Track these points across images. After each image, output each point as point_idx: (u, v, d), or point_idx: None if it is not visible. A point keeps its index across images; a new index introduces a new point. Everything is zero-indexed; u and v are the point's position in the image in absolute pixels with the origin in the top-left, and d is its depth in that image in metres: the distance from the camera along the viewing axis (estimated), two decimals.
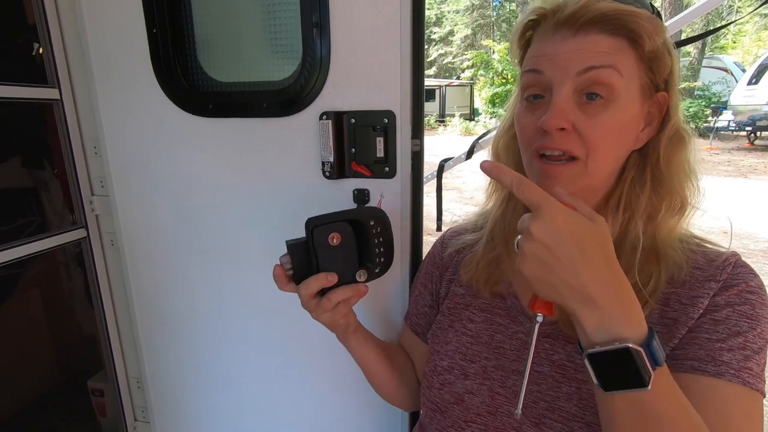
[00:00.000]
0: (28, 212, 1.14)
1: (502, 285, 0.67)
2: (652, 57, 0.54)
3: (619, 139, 0.56)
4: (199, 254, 1.08)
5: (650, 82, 0.55)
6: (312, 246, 0.63)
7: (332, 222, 0.64)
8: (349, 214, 0.66)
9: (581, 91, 0.54)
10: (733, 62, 13.97)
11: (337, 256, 0.65)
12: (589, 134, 0.53)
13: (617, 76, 0.52)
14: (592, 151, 0.54)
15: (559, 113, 0.53)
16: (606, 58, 0.52)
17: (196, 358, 1.16)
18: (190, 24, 0.98)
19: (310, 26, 0.87)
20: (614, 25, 0.52)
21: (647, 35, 0.52)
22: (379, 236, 0.67)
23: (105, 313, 1.23)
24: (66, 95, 1.08)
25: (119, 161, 1.08)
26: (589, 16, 0.52)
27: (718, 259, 0.57)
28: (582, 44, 0.53)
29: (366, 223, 0.66)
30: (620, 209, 0.58)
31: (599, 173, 0.57)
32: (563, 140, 0.54)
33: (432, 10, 26.23)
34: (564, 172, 0.55)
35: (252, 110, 0.95)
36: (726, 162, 8.68)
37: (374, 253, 0.67)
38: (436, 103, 20.07)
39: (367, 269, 0.67)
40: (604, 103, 0.53)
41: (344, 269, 0.65)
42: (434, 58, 26.64)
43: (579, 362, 0.58)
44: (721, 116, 10.85)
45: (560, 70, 0.54)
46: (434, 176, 1.39)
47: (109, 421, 1.35)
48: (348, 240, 0.65)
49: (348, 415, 1.06)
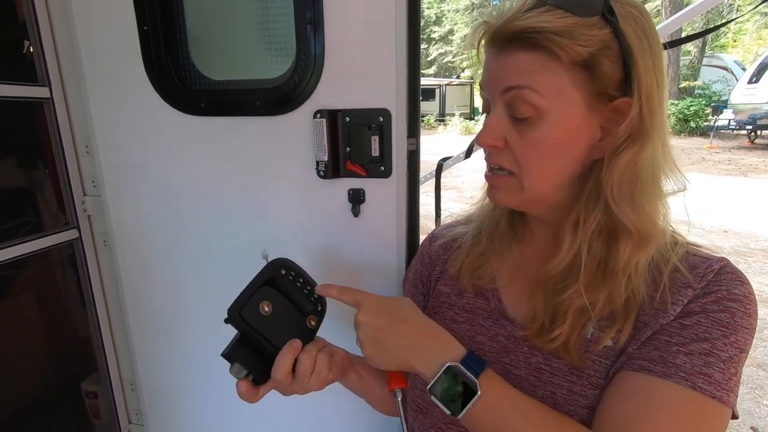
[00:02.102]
0: (19, 213, 1.13)
1: (485, 280, 0.67)
2: (587, 65, 0.50)
3: (556, 155, 0.54)
4: (192, 255, 1.06)
5: (597, 90, 0.51)
6: (252, 330, 0.59)
7: (251, 295, 0.60)
8: (259, 278, 0.63)
9: (509, 110, 0.54)
10: (733, 61, 13.95)
11: (279, 321, 0.61)
12: (518, 152, 0.54)
13: (535, 95, 0.51)
14: (523, 168, 0.55)
15: (487, 131, 0.55)
16: (522, 77, 0.51)
17: (190, 360, 1.15)
18: (182, 21, 0.96)
19: (303, 23, 0.85)
20: (529, 42, 0.50)
21: (564, 48, 0.48)
22: (297, 279, 0.65)
23: (98, 314, 1.21)
24: (57, 94, 1.07)
25: (111, 161, 1.07)
26: (506, 35, 0.51)
27: (701, 266, 0.53)
28: (504, 62, 0.53)
29: (277, 274, 0.64)
30: (579, 227, 0.55)
31: (537, 188, 0.56)
32: (497, 156, 0.57)
33: (432, 9, 26.20)
34: (502, 184, 0.58)
35: (245, 109, 0.93)
36: (726, 161, 8.67)
37: (304, 295, 0.65)
38: (436, 102, 20.05)
39: (311, 313, 0.65)
40: (530, 121, 0.53)
41: (295, 329, 0.62)
42: (434, 57, 26.60)
43: (556, 366, 0.57)
44: (721, 115, 10.84)
45: (491, 88, 0.55)
46: (433, 175, 1.38)
47: (103, 423, 1.34)
48: (277, 299, 0.62)
49: (343, 417, 1.04)
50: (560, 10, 0.49)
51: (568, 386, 0.55)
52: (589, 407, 0.53)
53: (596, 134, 0.54)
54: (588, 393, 0.54)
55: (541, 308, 0.58)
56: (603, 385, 0.53)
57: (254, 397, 0.61)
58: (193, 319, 1.11)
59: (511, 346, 0.62)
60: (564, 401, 0.55)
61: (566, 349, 0.55)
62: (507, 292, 0.66)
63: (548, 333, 0.56)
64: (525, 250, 0.67)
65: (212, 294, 1.07)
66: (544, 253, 0.63)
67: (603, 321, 0.55)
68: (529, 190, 0.56)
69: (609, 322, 0.54)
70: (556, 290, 0.56)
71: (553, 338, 0.55)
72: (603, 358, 0.54)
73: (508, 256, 0.67)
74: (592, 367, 0.54)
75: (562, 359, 0.57)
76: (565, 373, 0.56)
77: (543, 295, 0.58)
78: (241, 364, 0.59)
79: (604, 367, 0.54)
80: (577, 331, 0.55)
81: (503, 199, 0.60)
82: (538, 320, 0.58)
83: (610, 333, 0.54)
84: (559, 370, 0.56)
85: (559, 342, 0.55)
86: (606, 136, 0.54)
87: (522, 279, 0.65)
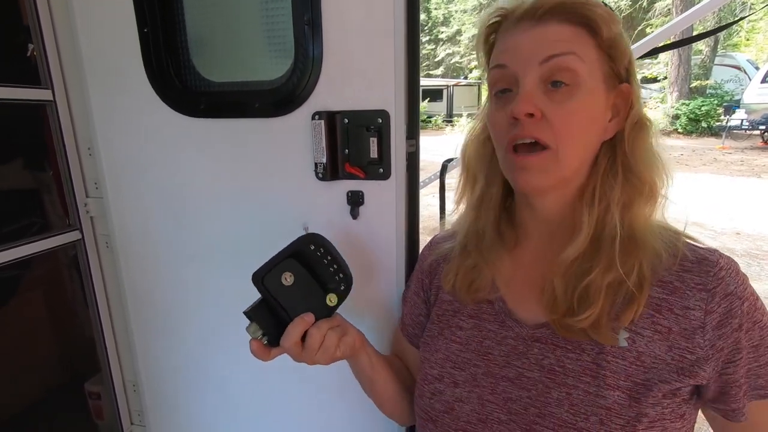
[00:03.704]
0: (22, 215, 1.14)
1: (484, 291, 0.66)
2: (611, 45, 0.55)
3: (588, 127, 0.56)
4: (193, 256, 1.06)
5: (612, 71, 0.57)
6: (271, 297, 0.63)
7: (276, 264, 0.64)
8: (287, 250, 0.65)
9: (546, 80, 0.55)
10: (746, 60, 13.71)
11: (299, 293, 0.64)
12: (558, 121, 0.54)
13: (579, 61, 0.54)
14: (561, 139, 0.55)
15: (526, 99, 0.54)
16: (566, 45, 0.54)
17: (192, 362, 1.15)
18: (182, 23, 0.96)
19: (302, 24, 0.84)
20: (572, 14, 0.54)
21: (604, 23, 0.54)
22: (325, 256, 0.66)
23: (100, 315, 1.22)
24: (59, 96, 1.07)
25: (113, 163, 1.07)
26: (546, 7, 0.54)
27: (707, 260, 0.55)
28: (542, 34, 0.55)
29: (306, 249, 0.65)
30: (595, 201, 0.57)
31: (570, 163, 0.56)
32: (534, 127, 0.55)
33: (439, 9, 26.16)
34: (536, 162, 0.56)
35: (244, 110, 0.93)
36: (739, 161, 8.54)
37: (329, 273, 0.66)
38: (444, 103, 20.03)
39: (333, 291, 0.66)
40: (569, 89, 0.54)
41: (312, 303, 0.65)
42: (442, 58, 26.54)
43: (569, 367, 0.57)
44: (733, 115, 10.69)
45: (523, 61, 0.55)
46: (438, 176, 1.37)
47: (105, 424, 1.34)
48: (299, 273, 0.64)
49: (344, 420, 1.04)
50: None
51: (584, 387, 0.55)
52: (607, 408, 0.53)
53: (608, 114, 0.58)
54: (605, 394, 0.53)
55: (562, 294, 0.57)
56: (623, 387, 0.53)
57: (265, 356, 0.64)
58: (195, 320, 1.11)
59: (521, 348, 0.61)
60: (580, 402, 0.54)
61: (597, 329, 0.55)
62: (509, 296, 0.65)
63: (577, 314, 0.55)
64: (520, 255, 0.66)
65: (214, 295, 1.07)
66: (544, 252, 0.62)
67: (620, 309, 0.56)
68: (563, 165, 0.56)
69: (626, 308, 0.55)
70: (579, 273, 0.57)
71: (585, 318, 0.55)
72: (620, 359, 0.54)
73: (500, 264, 0.66)
74: (609, 368, 0.54)
75: (576, 359, 0.56)
76: (580, 373, 0.55)
77: (563, 283, 0.58)
78: (257, 324, 0.63)
79: (621, 367, 0.54)
80: (606, 308, 0.55)
81: (538, 180, 0.57)
82: (562, 305, 0.57)
83: (631, 311, 0.54)
84: (574, 370, 0.56)
85: (589, 322, 0.55)
86: (613, 117, 0.58)
87: (522, 282, 0.64)
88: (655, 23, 14.82)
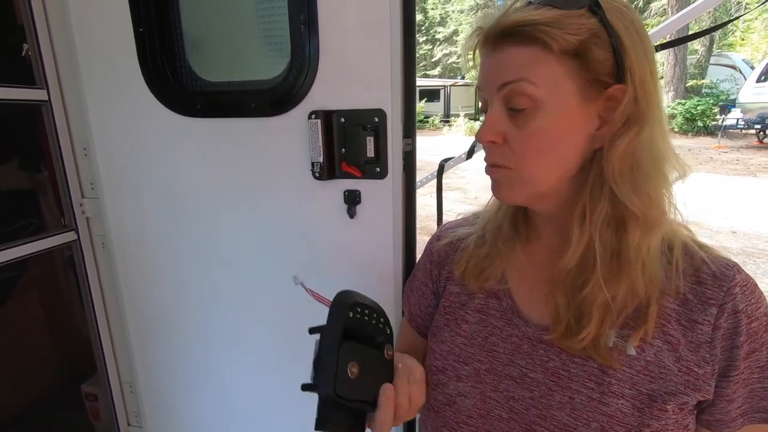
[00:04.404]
0: (17, 215, 1.13)
1: (493, 282, 0.66)
2: (578, 54, 0.51)
3: (552, 145, 0.54)
4: (190, 256, 1.06)
5: (592, 79, 0.52)
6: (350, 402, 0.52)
7: (336, 362, 0.51)
8: (333, 332, 0.53)
9: (506, 104, 0.55)
10: (741, 59, 13.77)
11: (366, 373, 0.53)
12: (516, 145, 0.54)
13: (531, 86, 0.52)
14: (521, 161, 0.55)
15: (487, 127, 0.55)
16: (517, 71, 0.52)
17: (188, 362, 1.14)
18: (178, 23, 0.96)
19: (298, 23, 0.84)
20: (521, 36, 0.52)
21: (554, 38, 0.50)
22: (363, 313, 0.56)
23: (96, 316, 1.22)
24: (54, 96, 1.07)
25: (109, 163, 1.07)
26: (498, 32, 0.53)
27: (723, 275, 0.54)
28: (498, 59, 0.54)
29: (351, 321, 0.54)
30: (586, 218, 0.55)
31: (541, 180, 0.56)
32: (494, 153, 0.57)
33: (436, 9, 26.16)
34: (499, 177, 0.58)
35: (241, 110, 0.93)
36: (735, 160, 8.57)
37: (378, 328, 0.57)
38: (441, 103, 20.02)
39: (386, 342, 0.57)
40: (528, 112, 0.53)
41: (381, 371, 0.56)
42: (439, 58, 26.54)
43: (574, 371, 0.56)
44: (729, 114, 10.72)
45: (487, 86, 0.56)
46: (435, 176, 1.37)
47: (102, 425, 1.34)
48: (357, 352, 0.53)
49: None
50: (547, 6, 0.51)
51: (587, 392, 0.54)
52: (609, 415, 0.52)
53: (594, 123, 0.54)
54: (608, 401, 0.53)
55: (563, 308, 0.57)
56: (627, 395, 0.53)
57: None
58: (192, 321, 1.10)
59: (526, 348, 0.60)
60: (582, 407, 0.54)
61: (596, 348, 0.54)
62: (518, 292, 0.65)
63: (575, 334, 0.55)
64: (532, 251, 0.66)
65: (210, 295, 1.06)
66: (553, 253, 0.62)
67: (629, 320, 0.55)
68: (531, 183, 0.56)
69: (635, 322, 0.54)
70: (575, 287, 0.56)
71: (582, 338, 0.54)
72: (627, 367, 0.54)
73: (513, 257, 0.66)
74: (615, 375, 0.54)
75: (582, 365, 0.56)
76: (584, 379, 0.55)
77: (563, 295, 0.57)
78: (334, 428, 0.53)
79: (627, 376, 0.53)
80: (604, 328, 0.54)
81: (507, 194, 0.59)
82: (563, 321, 0.56)
83: (638, 332, 0.53)
84: (578, 375, 0.56)
85: (587, 341, 0.54)
86: (603, 125, 0.54)
87: (532, 280, 0.64)
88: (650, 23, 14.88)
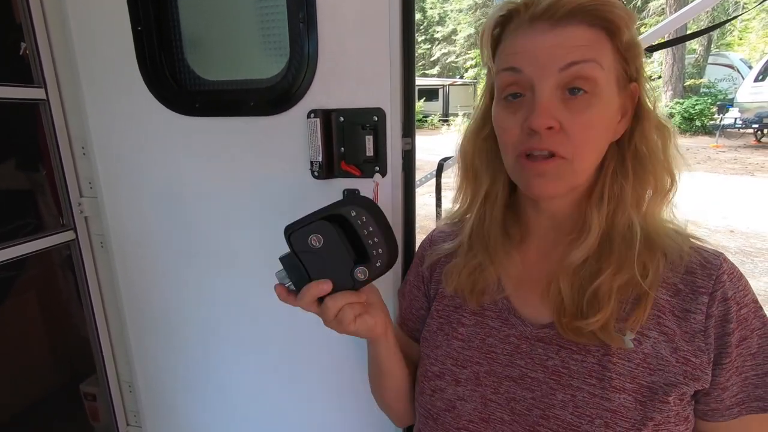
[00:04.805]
0: (15, 215, 1.13)
1: (489, 293, 0.64)
2: (627, 48, 0.53)
3: (603, 135, 0.55)
4: (188, 255, 1.06)
5: (624, 73, 0.55)
6: (295, 255, 0.58)
7: (309, 224, 0.58)
8: (324, 210, 0.59)
9: (564, 86, 0.52)
10: (739, 59, 13.79)
11: (325, 259, 0.58)
12: (576, 132, 0.52)
13: (600, 69, 0.51)
14: (578, 150, 0.53)
15: (545, 112, 0.51)
16: (587, 51, 0.51)
17: (187, 362, 1.14)
18: (177, 21, 0.96)
19: (296, 22, 0.84)
20: (592, 16, 0.50)
21: (624, 25, 0.51)
22: (366, 226, 0.58)
23: (95, 316, 1.21)
24: (52, 95, 1.06)
25: (107, 162, 1.06)
26: (567, 8, 0.50)
27: (711, 263, 0.55)
28: (561, 38, 0.51)
29: (347, 215, 0.58)
30: (604, 202, 0.57)
31: (585, 171, 0.56)
32: (551, 140, 0.52)
33: (435, 9, 26.15)
34: (552, 169, 0.54)
35: (239, 109, 0.92)
36: (732, 160, 8.58)
37: (368, 245, 0.58)
38: (440, 102, 20.02)
39: (366, 265, 0.59)
40: (587, 98, 0.52)
41: (337, 272, 0.59)
42: (437, 58, 26.53)
43: (574, 368, 0.56)
44: (727, 114, 10.74)
45: (541, 67, 0.52)
46: (434, 175, 1.37)
47: (101, 425, 1.33)
48: (331, 239, 0.57)
49: (341, 420, 1.03)
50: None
51: (589, 389, 0.54)
52: (613, 410, 0.53)
53: (618, 116, 0.56)
54: (611, 396, 0.53)
55: (569, 296, 0.57)
56: (629, 389, 0.53)
57: (289, 301, 0.61)
58: (191, 320, 1.10)
59: (525, 347, 0.60)
60: (585, 404, 0.54)
61: (605, 331, 0.54)
62: (514, 294, 0.64)
63: (585, 318, 0.54)
64: (526, 251, 0.65)
65: (209, 294, 1.06)
66: (548, 252, 0.62)
67: (627, 304, 0.56)
68: (578, 174, 0.55)
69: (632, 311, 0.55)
70: (588, 275, 0.56)
71: (593, 322, 0.54)
72: (626, 361, 0.54)
73: (507, 263, 0.64)
74: (615, 370, 0.54)
75: (581, 361, 0.56)
76: (585, 375, 0.55)
77: (570, 285, 0.57)
78: (285, 272, 0.61)
79: (627, 369, 0.53)
80: (618, 310, 0.55)
81: (553, 188, 0.55)
82: (569, 308, 0.56)
83: (638, 312, 0.54)
84: (579, 372, 0.55)
85: (599, 324, 0.54)
86: (621, 119, 0.57)
87: (528, 281, 0.64)
88: (649, 23, 14.89)
